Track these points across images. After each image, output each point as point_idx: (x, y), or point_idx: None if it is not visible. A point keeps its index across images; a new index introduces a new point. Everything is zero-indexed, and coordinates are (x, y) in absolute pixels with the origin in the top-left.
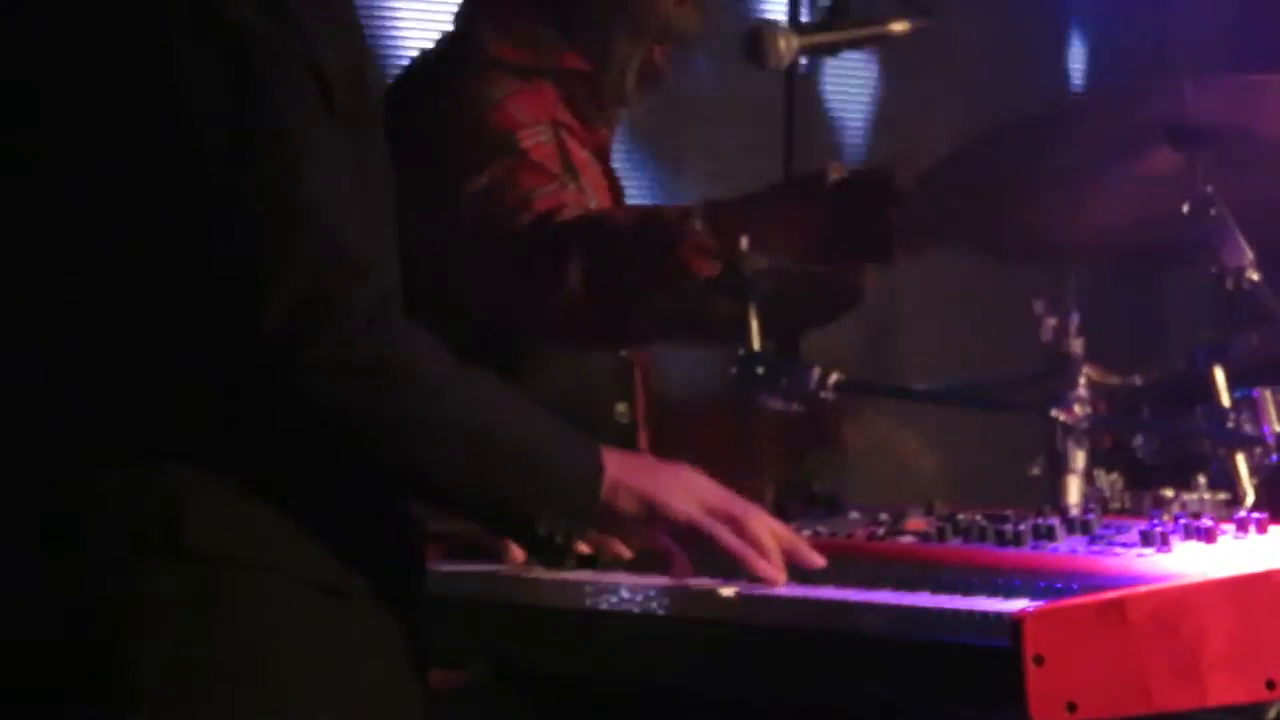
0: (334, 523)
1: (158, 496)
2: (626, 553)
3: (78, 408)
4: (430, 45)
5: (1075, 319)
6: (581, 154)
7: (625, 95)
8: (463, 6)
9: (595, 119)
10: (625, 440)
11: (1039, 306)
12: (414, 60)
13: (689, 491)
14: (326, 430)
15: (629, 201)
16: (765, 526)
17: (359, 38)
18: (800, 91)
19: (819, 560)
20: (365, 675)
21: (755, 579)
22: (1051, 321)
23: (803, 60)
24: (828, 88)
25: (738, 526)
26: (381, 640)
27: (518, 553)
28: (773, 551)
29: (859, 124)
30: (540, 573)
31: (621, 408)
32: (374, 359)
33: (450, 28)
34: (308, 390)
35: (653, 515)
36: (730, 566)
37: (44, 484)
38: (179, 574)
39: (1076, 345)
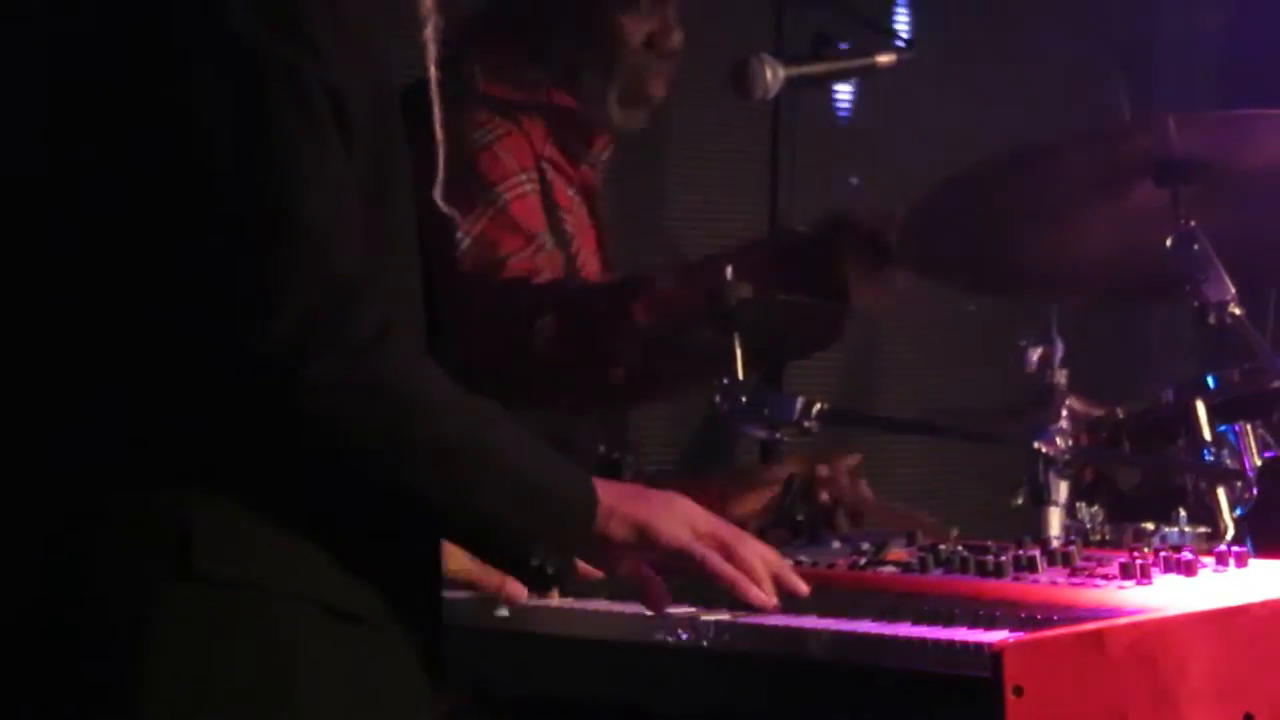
0: (349, 546)
1: (168, 518)
2: (597, 572)
3: (88, 430)
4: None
5: (1059, 350)
6: (567, 194)
7: (610, 123)
8: (449, 42)
9: (582, 156)
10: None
11: (1024, 338)
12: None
13: (680, 518)
14: (326, 451)
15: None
16: (755, 552)
17: (385, 68)
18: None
19: (804, 588)
20: (376, 701)
21: (745, 605)
22: (1036, 353)
23: None
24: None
25: (728, 552)
26: (395, 666)
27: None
28: (763, 577)
29: (845, 157)
30: (509, 594)
31: (604, 449)
32: (375, 380)
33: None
34: (308, 410)
35: (644, 542)
36: (713, 594)
37: (55, 506)
38: (189, 597)
39: (1060, 376)
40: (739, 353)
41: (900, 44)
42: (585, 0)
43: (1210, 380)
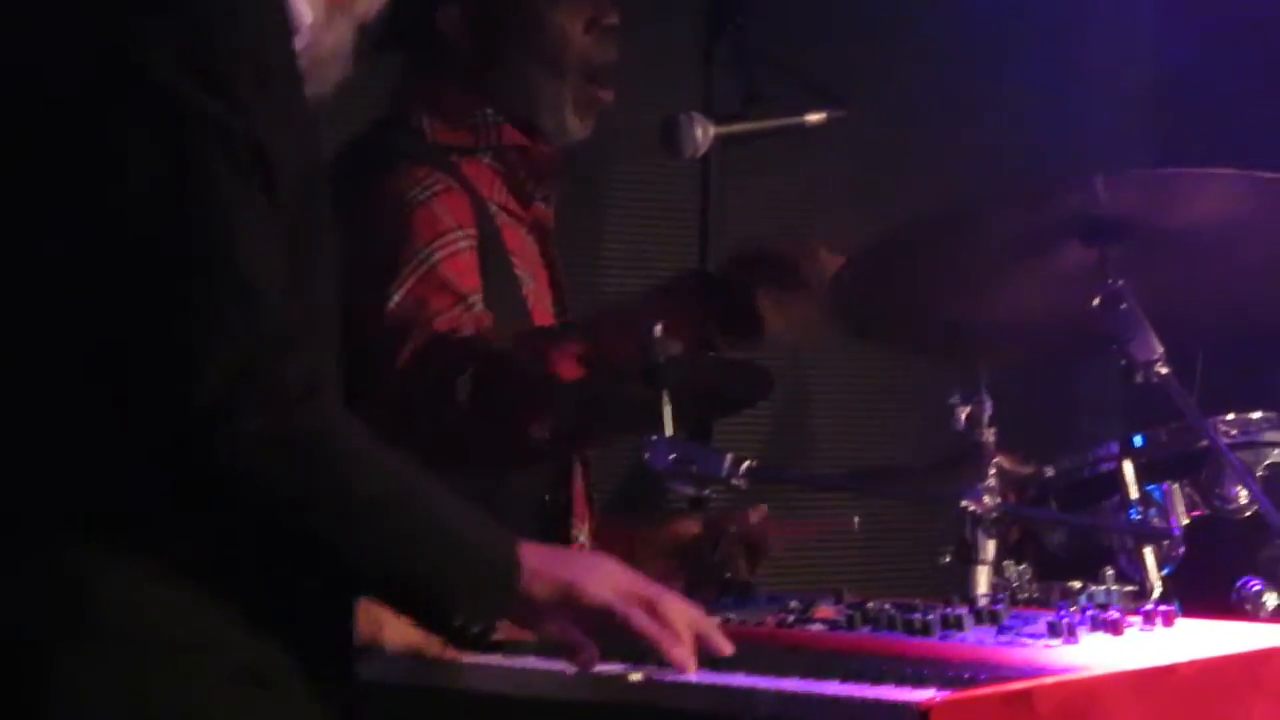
0: (259, 606)
1: (71, 568)
2: (526, 633)
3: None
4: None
5: (988, 409)
6: (518, 236)
7: (569, 133)
8: (396, 93)
9: (535, 195)
10: (554, 525)
11: (954, 396)
12: (347, 146)
13: (604, 579)
14: (252, 503)
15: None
16: (679, 612)
17: (309, 124)
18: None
19: (728, 646)
20: None
21: (667, 662)
22: (965, 411)
23: None
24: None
25: (653, 611)
26: None
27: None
28: (685, 637)
29: (775, 215)
30: (453, 656)
31: (549, 497)
32: (306, 433)
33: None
34: (239, 462)
35: (568, 603)
36: (640, 651)
37: None
38: (90, 653)
39: (989, 435)
40: (667, 409)
41: (830, 103)
42: (519, 14)
43: (1138, 439)
